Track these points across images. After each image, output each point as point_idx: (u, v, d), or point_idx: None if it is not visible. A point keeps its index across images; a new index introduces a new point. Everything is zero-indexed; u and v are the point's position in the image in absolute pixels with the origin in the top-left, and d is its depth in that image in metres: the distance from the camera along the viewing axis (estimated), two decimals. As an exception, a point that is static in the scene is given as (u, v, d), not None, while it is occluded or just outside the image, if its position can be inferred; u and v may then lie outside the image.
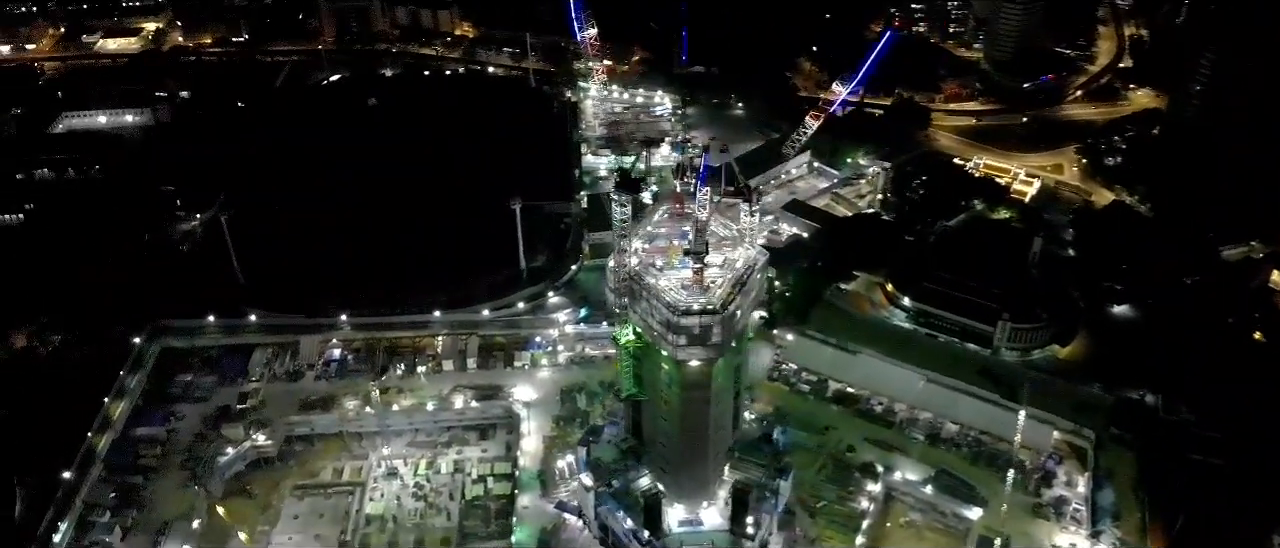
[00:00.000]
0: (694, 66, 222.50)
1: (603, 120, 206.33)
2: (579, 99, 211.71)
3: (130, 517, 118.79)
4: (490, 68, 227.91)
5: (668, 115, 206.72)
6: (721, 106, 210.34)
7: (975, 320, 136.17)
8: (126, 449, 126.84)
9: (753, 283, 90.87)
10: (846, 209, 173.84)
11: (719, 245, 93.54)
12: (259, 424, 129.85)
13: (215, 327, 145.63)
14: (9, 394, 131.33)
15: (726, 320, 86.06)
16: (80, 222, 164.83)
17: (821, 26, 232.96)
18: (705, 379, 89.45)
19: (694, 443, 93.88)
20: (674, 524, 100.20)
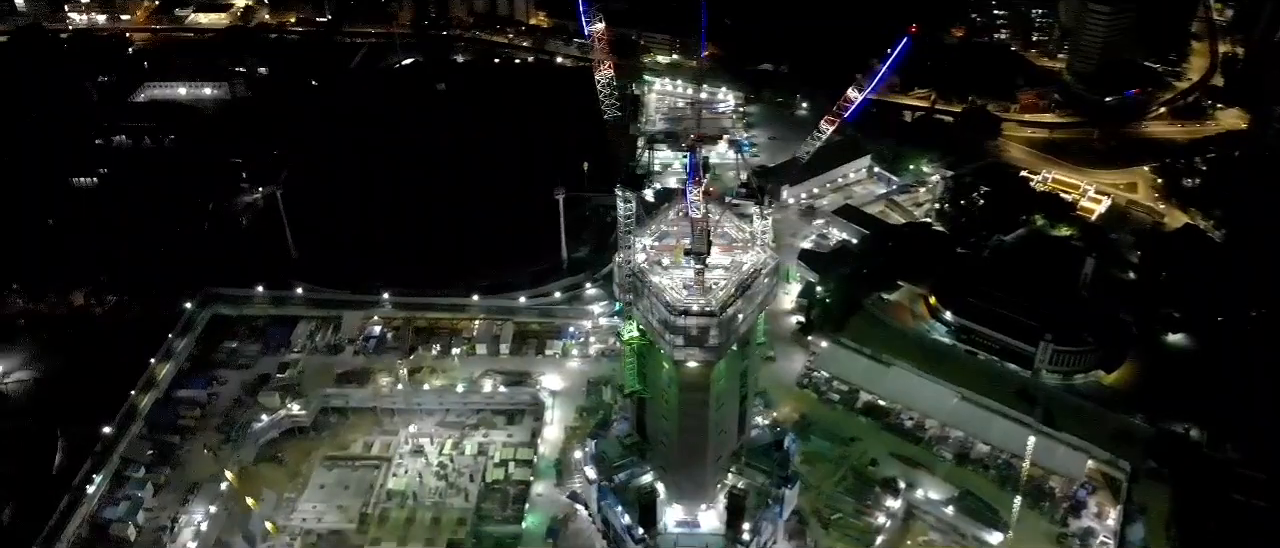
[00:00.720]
0: (762, 64, 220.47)
1: (664, 115, 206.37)
2: (643, 93, 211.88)
3: (164, 474, 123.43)
4: (559, 58, 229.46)
5: (730, 112, 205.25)
6: (785, 106, 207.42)
7: (1017, 340, 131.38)
8: (168, 409, 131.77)
9: (759, 287, 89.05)
10: (901, 217, 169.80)
11: (729, 247, 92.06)
12: (295, 394, 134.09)
13: (264, 297, 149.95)
14: (63, 349, 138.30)
15: (725, 323, 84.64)
16: (149, 188, 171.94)
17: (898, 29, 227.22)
18: (703, 381, 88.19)
19: (692, 445, 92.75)
20: (671, 524, 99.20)
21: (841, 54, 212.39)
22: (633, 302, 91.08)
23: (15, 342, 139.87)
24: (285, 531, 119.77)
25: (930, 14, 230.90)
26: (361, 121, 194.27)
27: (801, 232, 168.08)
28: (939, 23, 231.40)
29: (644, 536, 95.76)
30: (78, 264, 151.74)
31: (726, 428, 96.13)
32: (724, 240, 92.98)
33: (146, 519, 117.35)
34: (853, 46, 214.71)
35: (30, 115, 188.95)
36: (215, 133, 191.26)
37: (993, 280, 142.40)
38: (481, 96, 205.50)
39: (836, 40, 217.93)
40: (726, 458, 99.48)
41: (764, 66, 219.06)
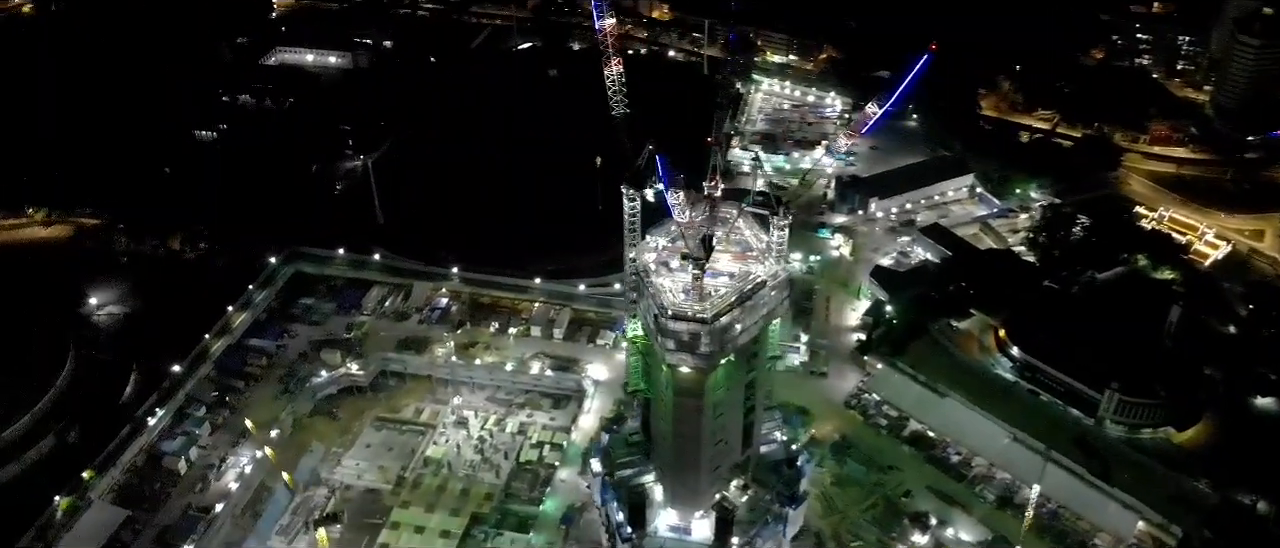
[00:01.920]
0: (879, 70, 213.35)
1: (767, 116, 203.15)
2: (749, 92, 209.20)
3: (223, 416, 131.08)
4: (671, 52, 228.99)
5: (835, 118, 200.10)
6: (895, 115, 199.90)
7: (1084, 384, 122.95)
8: (237, 356, 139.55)
9: (763, 300, 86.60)
10: (994, 242, 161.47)
11: (743, 255, 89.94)
12: (356, 354, 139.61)
13: (344, 259, 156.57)
14: (153, 289, 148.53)
15: (717, 332, 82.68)
16: (262, 147, 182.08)
17: (1031, 47, 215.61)
18: (697, 388, 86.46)
19: (686, 451, 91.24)
20: (664, 528, 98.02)
21: (962, 67, 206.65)
22: (636, 300, 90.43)
23: (115, 278, 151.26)
24: (326, 483, 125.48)
25: (1070, 33, 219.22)
26: (472, 101, 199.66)
27: (884, 247, 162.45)
28: (1078, 43, 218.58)
29: (632, 534, 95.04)
30: (182, 211, 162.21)
31: (727, 438, 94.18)
32: (738, 248, 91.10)
33: (199, 457, 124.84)
34: (974, 60, 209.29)
35: (166, 70, 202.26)
36: (332, 100, 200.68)
37: (1073, 319, 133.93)
38: (590, 85, 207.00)
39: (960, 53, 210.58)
40: (728, 469, 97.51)
41: (880, 73, 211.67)
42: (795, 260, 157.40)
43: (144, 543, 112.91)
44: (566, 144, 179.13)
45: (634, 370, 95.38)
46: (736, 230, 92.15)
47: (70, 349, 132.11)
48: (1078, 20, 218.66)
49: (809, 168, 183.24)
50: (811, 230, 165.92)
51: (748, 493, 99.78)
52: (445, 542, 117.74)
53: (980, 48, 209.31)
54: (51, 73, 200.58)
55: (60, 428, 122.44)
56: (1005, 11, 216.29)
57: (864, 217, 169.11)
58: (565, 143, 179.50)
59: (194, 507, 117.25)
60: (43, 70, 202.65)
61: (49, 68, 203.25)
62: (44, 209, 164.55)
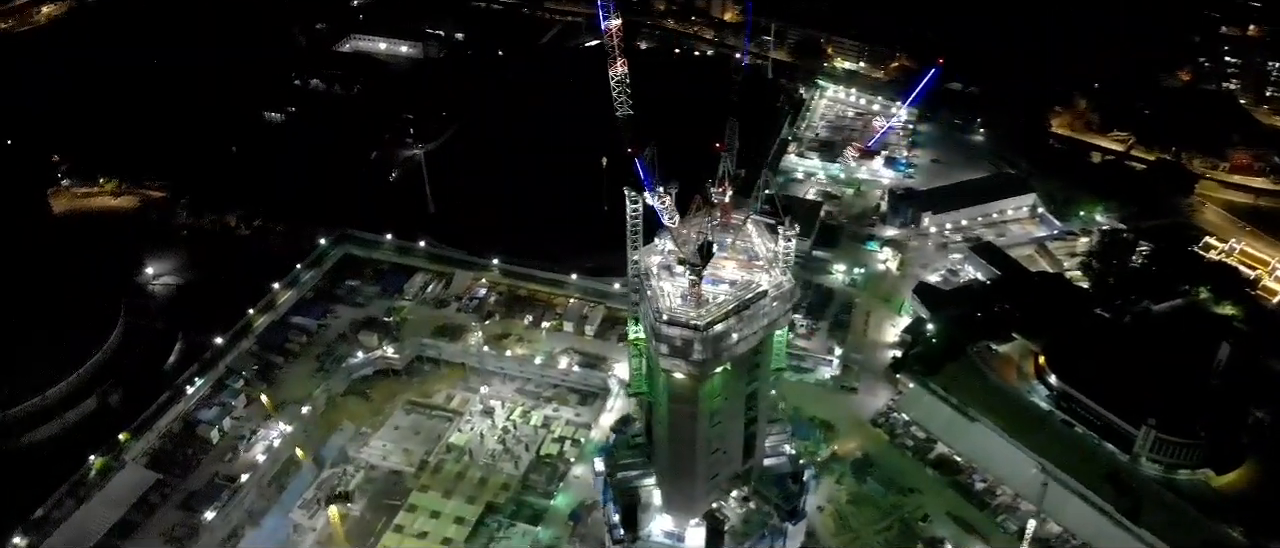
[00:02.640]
0: (951, 82, 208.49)
1: (829, 123, 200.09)
2: (811, 97, 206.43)
3: (260, 389, 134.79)
4: (738, 54, 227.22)
5: (899, 128, 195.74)
6: (962, 128, 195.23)
7: (1122, 419, 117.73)
8: (279, 332, 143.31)
9: (764, 310, 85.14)
10: (1049, 265, 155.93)
11: (749, 264, 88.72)
12: (393, 338, 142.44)
13: (391, 245, 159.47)
14: (208, 262, 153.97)
15: (711, 340, 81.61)
16: (326, 131, 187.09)
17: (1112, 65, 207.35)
18: (691, 395, 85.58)
19: (680, 457, 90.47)
20: (658, 532, 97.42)
21: (1038, 83, 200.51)
22: (638, 303, 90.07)
23: (173, 250, 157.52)
24: (352, 462, 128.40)
25: (1154, 54, 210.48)
26: (535, 96, 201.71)
27: (934, 264, 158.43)
28: (1163, 64, 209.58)
29: (624, 536, 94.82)
30: (241, 188, 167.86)
31: (726, 448, 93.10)
32: (745, 256, 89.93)
33: (231, 427, 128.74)
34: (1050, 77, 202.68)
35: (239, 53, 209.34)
36: (399, 89, 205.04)
37: (1120, 350, 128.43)
38: (653, 85, 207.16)
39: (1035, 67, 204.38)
40: (728, 479, 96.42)
41: (952, 85, 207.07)
42: (839, 272, 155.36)
43: (170, 507, 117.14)
44: (615, 143, 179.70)
45: (636, 373, 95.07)
46: (746, 238, 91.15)
47: (121, 315, 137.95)
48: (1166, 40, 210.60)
49: (863, 177, 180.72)
50: (860, 242, 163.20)
51: (748, 505, 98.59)
52: (458, 528, 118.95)
53: (1063, 63, 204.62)
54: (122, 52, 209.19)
55: (103, 390, 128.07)
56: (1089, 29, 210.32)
57: (916, 231, 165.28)
58: (614, 141, 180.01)
59: (221, 475, 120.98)
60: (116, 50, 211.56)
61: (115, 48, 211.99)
62: (115, 180, 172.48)
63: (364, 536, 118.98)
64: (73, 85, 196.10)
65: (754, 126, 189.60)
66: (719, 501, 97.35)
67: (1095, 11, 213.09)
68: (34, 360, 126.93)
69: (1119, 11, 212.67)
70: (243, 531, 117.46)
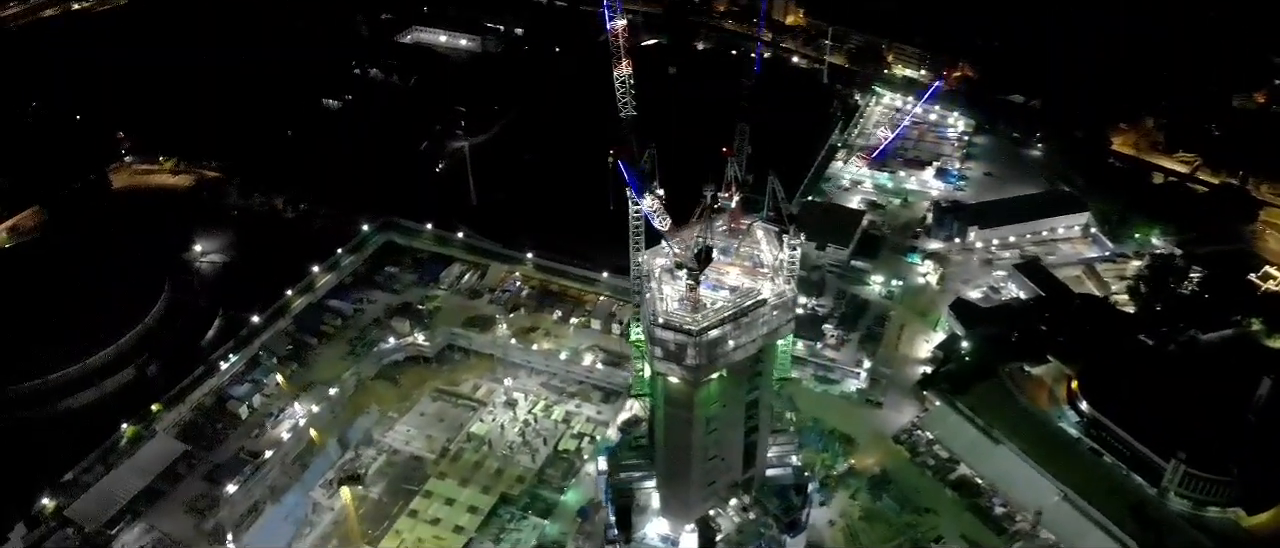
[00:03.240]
0: (1013, 94, 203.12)
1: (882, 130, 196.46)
2: (867, 104, 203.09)
3: (291, 368, 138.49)
4: (795, 58, 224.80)
5: (954, 139, 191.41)
6: (1019, 143, 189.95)
7: (1152, 451, 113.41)
8: (315, 314, 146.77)
9: (761, 318, 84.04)
10: (1096, 287, 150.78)
11: (754, 271, 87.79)
12: (424, 326, 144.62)
13: (430, 234, 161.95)
14: (253, 242, 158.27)
15: (705, 346, 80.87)
16: (381, 120, 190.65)
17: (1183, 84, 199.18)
18: (686, 399, 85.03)
19: (676, 462, 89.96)
20: (654, 535, 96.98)
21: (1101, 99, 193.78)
22: (640, 304, 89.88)
23: (222, 229, 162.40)
24: (376, 446, 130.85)
25: (1230, 72, 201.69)
26: (589, 93, 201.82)
27: (976, 279, 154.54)
28: (1238, 83, 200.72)
29: (618, 536, 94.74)
30: (293, 172, 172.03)
31: (724, 455, 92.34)
32: (750, 263, 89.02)
33: (261, 404, 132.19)
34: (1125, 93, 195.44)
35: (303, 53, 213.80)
36: (455, 81, 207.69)
37: (1158, 379, 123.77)
38: (707, 85, 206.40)
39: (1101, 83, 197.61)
40: (727, 486, 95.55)
41: (1014, 97, 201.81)
42: (876, 283, 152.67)
43: (195, 478, 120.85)
44: (668, 144, 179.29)
45: (638, 375, 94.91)
46: (754, 244, 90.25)
47: (165, 290, 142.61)
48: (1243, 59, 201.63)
49: (912, 188, 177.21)
50: (902, 254, 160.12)
51: (749, 514, 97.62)
52: (471, 517, 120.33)
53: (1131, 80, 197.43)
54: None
55: (141, 362, 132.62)
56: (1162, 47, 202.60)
57: (960, 246, 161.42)
58: (668, 143, 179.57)
59: (246, 450, 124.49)
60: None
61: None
62: (174, 159, 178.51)
63: (379, 518, 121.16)
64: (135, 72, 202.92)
65: (803, 132, 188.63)
66: (717, 508, 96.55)
67: (1169, 29, 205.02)
68: (77, 329, 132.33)
69: (1194, 30, 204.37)
70: (263, 506, 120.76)
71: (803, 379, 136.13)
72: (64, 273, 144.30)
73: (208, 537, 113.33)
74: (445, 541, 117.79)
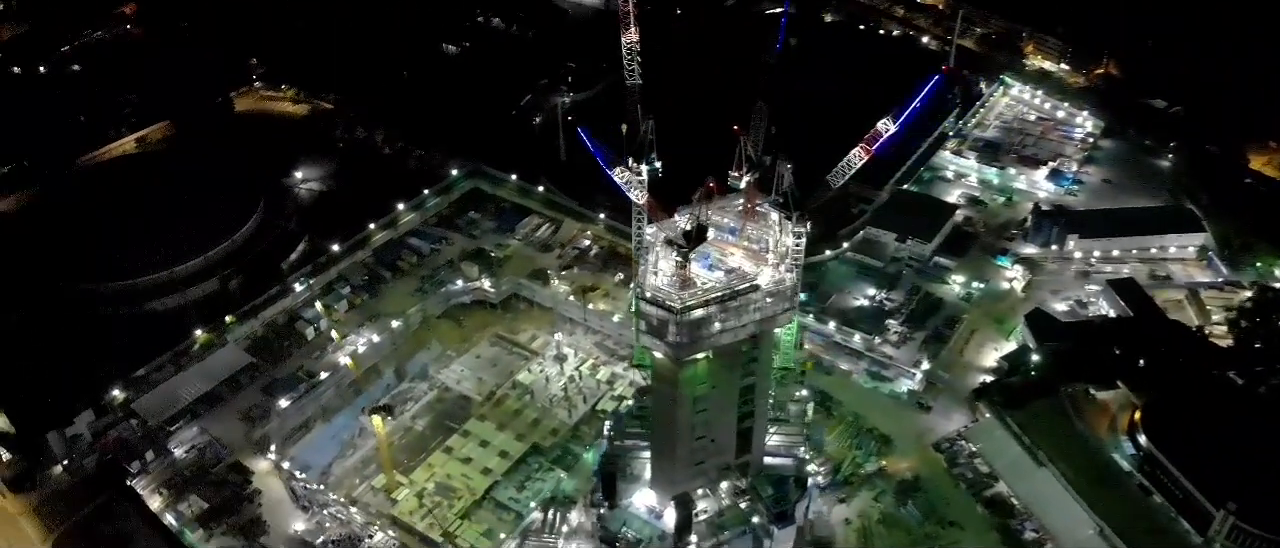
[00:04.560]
0: (1155, 98, 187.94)
1: (1003, 123, 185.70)
2: (993, 93, 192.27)
3: (362, 297, 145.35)
4: (925, 38, 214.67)
5: (1080, 140, 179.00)
6: (1149, 151, 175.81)
7: (1204, 496, 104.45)
8: (394, 249, 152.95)
9: (753, 304, 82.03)
10: (1196, 315, 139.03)
11: (758, 255, 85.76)
12: (492, 273, 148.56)
13: (513, 185, 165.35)
14: (349, 174, 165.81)
15: (688, 325, 79.77)
16: (493, 68, 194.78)
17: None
18: (671, 376, 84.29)
19: (663, 436, 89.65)
20: (641, 506, 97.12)
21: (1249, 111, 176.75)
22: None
23: (324, 159, 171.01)
24: (430, 380, 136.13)
25: None
26: (705, 56, 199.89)
27: (1065, 291, 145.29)
28: None
29: (602, 501, 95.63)
30: (400, 111, 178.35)
31: (714, 437, 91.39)
32: (758, 246, 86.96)
33: (327, 328, 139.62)
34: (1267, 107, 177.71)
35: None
36: (573, 36, 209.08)
37: (1233, 422, 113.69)
38: (827, 58, 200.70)
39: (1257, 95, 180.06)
40: (717, 468, 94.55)
41: (1156, 102, 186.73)
42: (956, 283, 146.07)
43: (254, 389, 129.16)
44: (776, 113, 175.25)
45: (640, 346, 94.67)
46: (768, 229, 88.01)
47: (258, 210, 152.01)
48: None
49: (1020, 187, 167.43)
50: (992, 255, 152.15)
51: (741, 500, 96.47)
52: (501, 461, 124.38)
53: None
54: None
55: (225, 275, 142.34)
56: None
57: (1057, 253, 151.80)
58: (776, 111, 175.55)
59: (303, 369, 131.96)
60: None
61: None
62: (295, 89, 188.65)
63: (417, 450, 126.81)
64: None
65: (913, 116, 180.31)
66: (707, 488, 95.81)
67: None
68: (173, 238, 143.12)
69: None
70: (314, 423, 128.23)
71: (854, 373, 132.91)
72: (173, 185, 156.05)
73: (254, 445, 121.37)
74: (471, 480, 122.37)
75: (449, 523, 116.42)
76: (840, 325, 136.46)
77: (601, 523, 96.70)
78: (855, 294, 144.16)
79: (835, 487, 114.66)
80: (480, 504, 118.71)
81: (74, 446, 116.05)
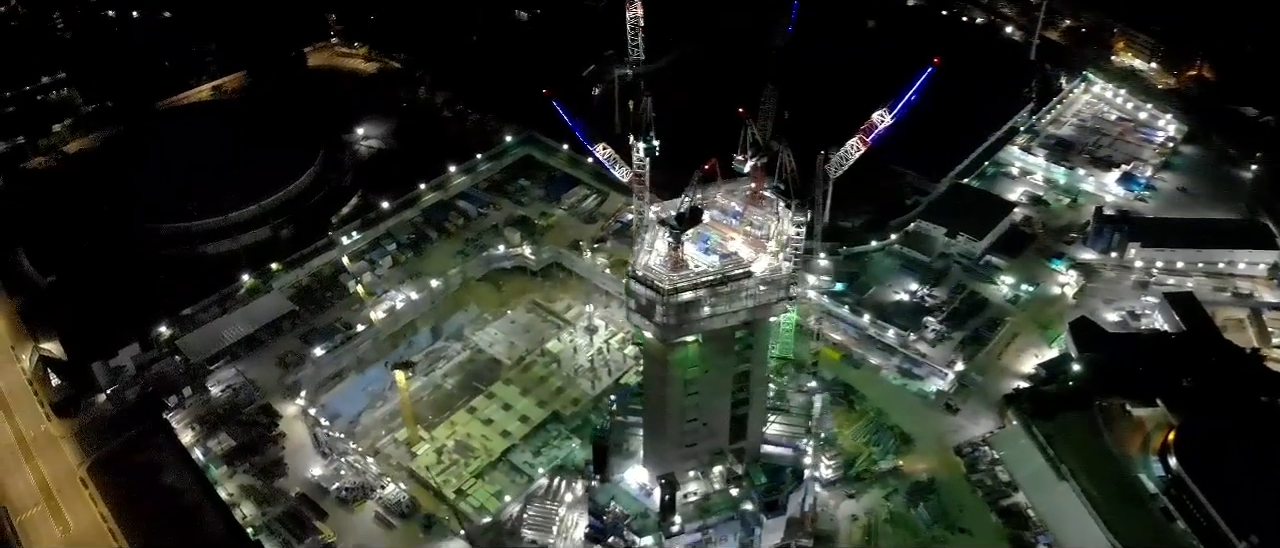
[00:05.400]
0: (1246, 105, 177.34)
1: (1081, 121, 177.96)
2: (1074, 88, 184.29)
3: (406, 256, 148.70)
4: (1009, 28, 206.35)
5: (1159, 143, 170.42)
6: (1232, 160, 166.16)
7: (1230, 527, 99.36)
8: (442, 211, 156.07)
9: (744, 291, 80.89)
10: (1255, 337, 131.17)
11: (757, 242, 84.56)
12: (532, 239, 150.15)
13: (564, 154, 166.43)
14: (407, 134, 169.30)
15: (674, 307, 79.22)
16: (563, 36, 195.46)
17: None
18: (661, 356, 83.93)
19: (653, 416, 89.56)
20: (632, 481, 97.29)
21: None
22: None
23: (386, 117, 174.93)
24: (464, 341, 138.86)
25: None
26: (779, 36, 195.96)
27: (1119, 301, 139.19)
28: None
29: (593, 473, 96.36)
30: (465, 75, 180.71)
31: (706, 420, 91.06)
32: (760, 232, 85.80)
33: (370, 283, 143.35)
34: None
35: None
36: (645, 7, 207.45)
37: (1270, 451, 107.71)
38: (904, 43, 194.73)
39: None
40: (709, 452, 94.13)
41: (1246, 109, 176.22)
42: (1005, 284, 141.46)
43: (293, 336, 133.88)
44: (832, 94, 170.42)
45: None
46: (774, 216, 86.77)
47: (315, 163, 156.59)
48: None
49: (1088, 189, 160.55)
50: (1046, 257, 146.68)
51: (733, 485, 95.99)
52: (520, 426, 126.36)
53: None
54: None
55: (277, 224, 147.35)
56: None
57: (1117, 261, 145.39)
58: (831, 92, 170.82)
59: (341, 321, 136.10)
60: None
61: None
62: (367, 47, 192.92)
63: (443, 408, 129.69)
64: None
65: (983, 106, 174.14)
66: (699, 471, 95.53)
67: None
68: (232, 185, 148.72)
69: None
70: (347, 373, 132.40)
71: (883, 369, 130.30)
72: (238, 133, 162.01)
73: (285, 390, 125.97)
74: (490, 441, 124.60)
75: (463, 481, 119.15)
76: (875, 319, 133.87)
77: (589, 495, 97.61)
78: (896, 288, 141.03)
79: (846, 482, 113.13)
80: (495, 466, 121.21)
81: (118, 377, 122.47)
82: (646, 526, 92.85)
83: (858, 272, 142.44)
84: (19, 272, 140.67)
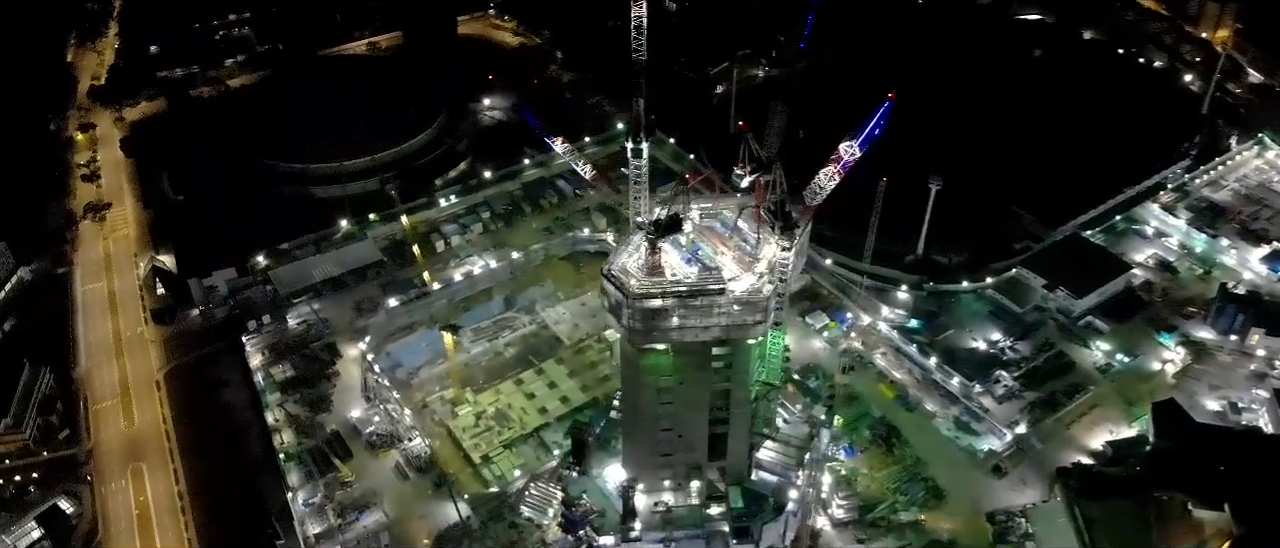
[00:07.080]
0: None
1: (1243, 186, 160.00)
2: (1240, 150, 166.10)
3: (498, 225, 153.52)
4: (1188, 76, 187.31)
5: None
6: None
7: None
8: (541, 187, 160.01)
9: (717, 308, 79.06)
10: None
11: (745, 260, 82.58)
12: (616, 228, 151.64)
13: (670, 149, 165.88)
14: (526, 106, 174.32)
15: (640, 312, 78.63)
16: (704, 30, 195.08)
17: None
18: (633, 359, 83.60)
19: (628, 420, 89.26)
20: (610, 480, 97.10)
21: None
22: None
23: (513, 90, 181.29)
24: (533, 316, 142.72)
25: None
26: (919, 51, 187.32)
27: (1225, 390, 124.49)
28: None
29: (574, 466, 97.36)
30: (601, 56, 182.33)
31: (681, 432, 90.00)
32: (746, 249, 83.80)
33: (457, 245, 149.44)
34: None
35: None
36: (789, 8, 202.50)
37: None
38: (1070, 78, 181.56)
39: None
40: (685, 465, 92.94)
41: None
42: (1099, 349, 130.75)
43: (373, 284, 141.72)
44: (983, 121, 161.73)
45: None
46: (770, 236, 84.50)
47: (432, 127, 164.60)
48: None
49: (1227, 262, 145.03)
50: (1156, 328, 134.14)
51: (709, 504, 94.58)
52: (560, 405, 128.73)
53: None
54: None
55: (386, 177, 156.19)
56: None
57: (1237, 345, 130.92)
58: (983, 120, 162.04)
59: (418, 277, 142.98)
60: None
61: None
62: (516, 21, 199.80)
63: (495, 374, 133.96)
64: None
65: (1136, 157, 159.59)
66: (675, 482, 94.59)
67: None
68: (352, 135, 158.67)
69: None
70: (417, 327, 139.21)
71: (938, 416, 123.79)
72: (375, 88, 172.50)
73: (354, 332, 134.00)
74: (527, 416, 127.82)
75: (492, 449, 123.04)
76: (943, 363, 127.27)
77: (562, 485, 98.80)
78: (977, 335, 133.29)
79: (858, 526, 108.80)
80: (527, 440, 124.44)
81: (210, 295, 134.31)
82: (606, 525, 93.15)
83: (938, 311, 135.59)
84: (159, 188, 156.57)
